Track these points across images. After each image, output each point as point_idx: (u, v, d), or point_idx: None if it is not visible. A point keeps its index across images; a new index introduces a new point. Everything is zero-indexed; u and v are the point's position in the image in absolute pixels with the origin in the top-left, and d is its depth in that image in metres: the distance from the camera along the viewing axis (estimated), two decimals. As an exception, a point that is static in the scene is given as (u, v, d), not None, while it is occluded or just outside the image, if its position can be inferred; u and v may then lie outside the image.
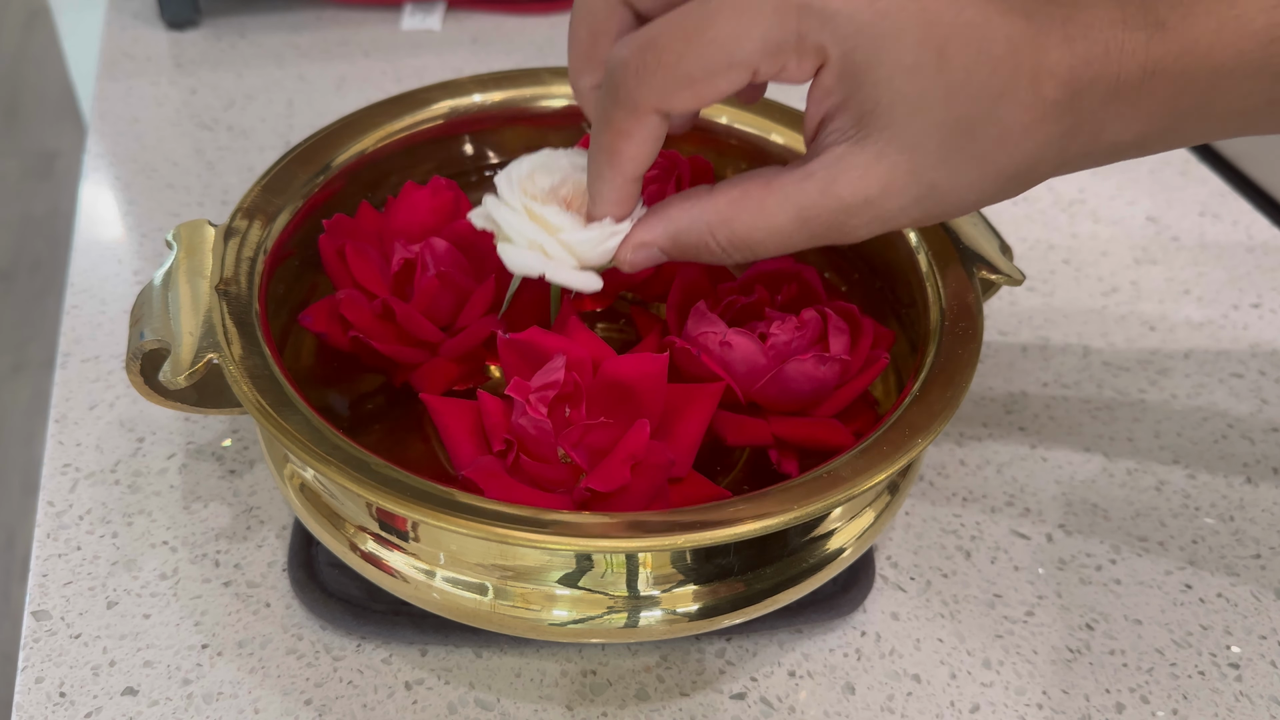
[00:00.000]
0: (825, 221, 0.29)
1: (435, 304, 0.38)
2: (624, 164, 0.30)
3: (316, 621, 0.37)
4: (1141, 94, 0.28)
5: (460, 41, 0.71)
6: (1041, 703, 0.36)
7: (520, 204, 0.32)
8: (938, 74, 0.27)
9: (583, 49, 0.31)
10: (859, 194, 0.29)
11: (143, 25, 0.71)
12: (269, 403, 0.32)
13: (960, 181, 0.29)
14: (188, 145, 0.60)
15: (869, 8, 0.27)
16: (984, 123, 0.28)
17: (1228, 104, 0.29)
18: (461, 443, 0.34)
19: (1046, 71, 0.28)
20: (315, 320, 0.39)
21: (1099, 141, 0.29)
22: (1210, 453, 0.46)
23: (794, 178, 0.29)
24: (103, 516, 0.40)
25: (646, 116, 0.28)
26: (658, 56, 0.27)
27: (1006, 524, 0.42)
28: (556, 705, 0.35)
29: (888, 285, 0.43)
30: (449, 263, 0.38)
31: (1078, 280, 0.54)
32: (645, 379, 0.34)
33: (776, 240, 0.30)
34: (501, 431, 0.33)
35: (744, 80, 0.28)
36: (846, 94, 0.28)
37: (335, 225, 0.40)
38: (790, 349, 0.35)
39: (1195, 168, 0.63)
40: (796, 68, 0.27)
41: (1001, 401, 0.48)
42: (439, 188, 0.41)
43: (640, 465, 0.32)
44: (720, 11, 0.27)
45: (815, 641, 0.38)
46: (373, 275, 0.39)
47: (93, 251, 0.53)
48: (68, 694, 0.35)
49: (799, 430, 0.36)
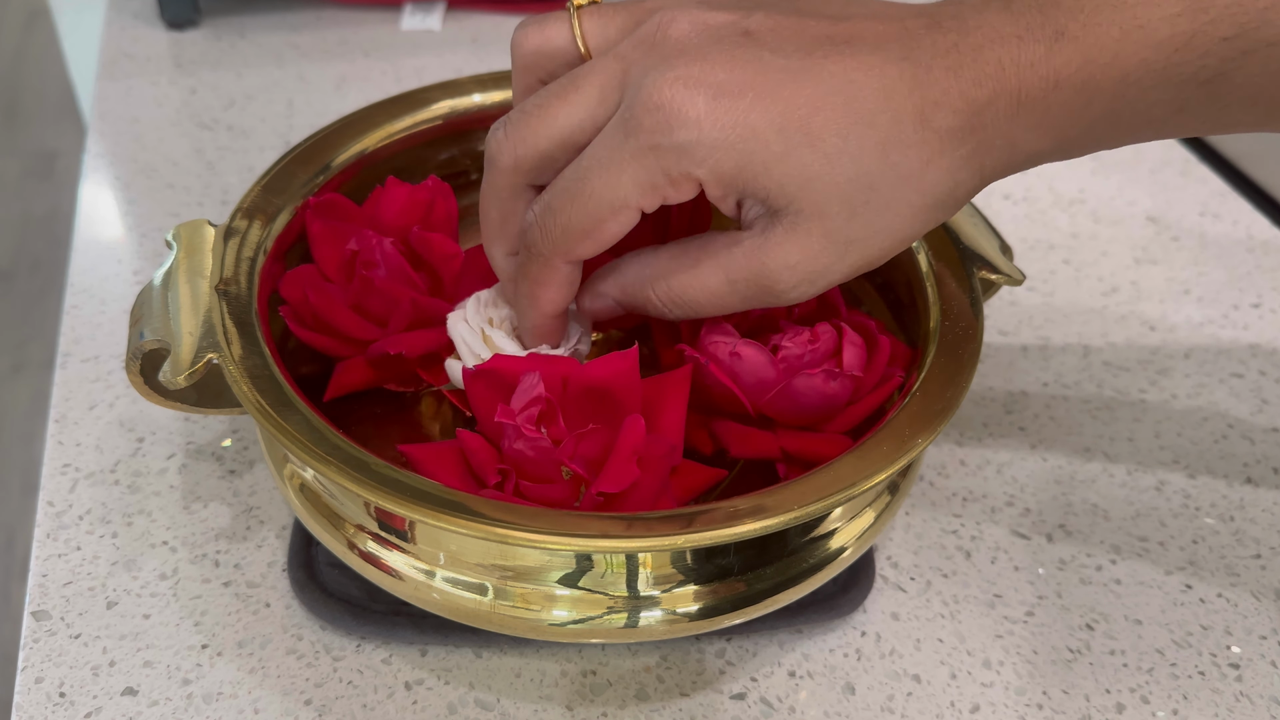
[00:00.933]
0: (753, 284, 0.31)
1: (364, 302, 0.38)
2: (544, 306, 0.34)
3: (316, 622, 0.37)
4: (1049, 105, 0.29)
5: (460, 41, 0.71)
6: (1041, 703, 0.36)
7: (478, 325, 0.37)
8: (811, 149, 0.29)
9: (494, 227, 0.35)
10: (780, 260, 0.30)
11: (143, 25, 0.71)
12: (269, 403, 0.32)
13: (878, 230, 0.30)
14: (188, 145, 0.60)
15: (715, 124, 0.28)
16: (879, 174, 0.29)
17: (1136, 112, 0.29)
18: (450, 486, 0.33)
19: (933, 104, 0.29)
20: (288, 289, 0.39)
21: (1016, 153, 0.30)
22: (1210, 453, 0.46)
23: (725, 242, 0.31)
24: (102, 516, 0.40)
25: (558, 267, 0.32)
26: (553, 218, 0.31)
27: (1006, 524, 0.42)
28: (556, 705, 0.35)
29: (888, 285, 0.43)
30: (391, 265, 0.38)
31: (1078, 280, 0.54)
32: (618, 377, 0.34)
33: (710, 300, 0.32)
34: (493, 464, 0.33)
35: (634, 219, 0.31)
36: (739, 193, 0.30)
37: (323, 204, 0.40)
38: (801, 362, 0.35)
39: (1195, 168, 0.63)
40: (676, 194, 0.30)
41: (1001, 401, 0.48)
42: (422, 187, 0.41)
43: (644, 459, 0.33)
44: (591, 170, 0.30)
45: (815, 641, 0.38)
46: (332, 258, 0.39)
47: (93, 251, 0.53)
48: (68, 694, 0.35)
49: (808, 445, 0.36)
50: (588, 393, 0.34)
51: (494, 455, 0.33)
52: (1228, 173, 0.64)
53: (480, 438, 0.33)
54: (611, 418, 0.33)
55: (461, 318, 0.38)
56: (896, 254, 0.32)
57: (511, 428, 0.32)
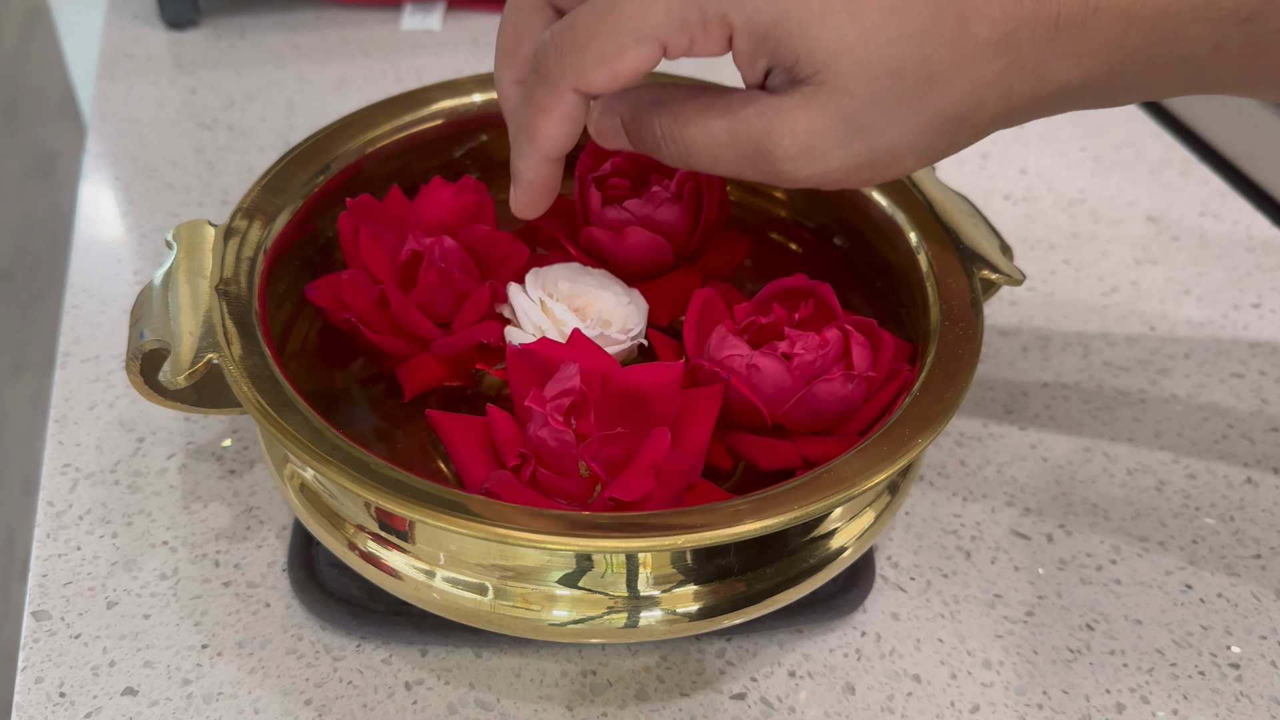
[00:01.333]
0: (752, 143, 0.30)
1: (433, 300, 0.38)
2: (542, 141, 0.31)
3: (316, 621, 0.37)
4: (1086, 31, 0.29)
5: (460, 41, 0.71)
6: (1041, 703, 0.36)
7: (538, 296, 0.38)
8: (850, 19, 0.28)
9: (508, 45, 0.33)
10: (787, 125, 0.30)
11: (143, 25, 0.71)
12: (269, 403, 0.32)
13: (892, 124, 0.30)
14: (188, 145, 0.60)
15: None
16: (910, 63, 0.29)
17: (1173, 48, 0.29)
18: (471, 459, 0.33)
19: (974, 10, 0.28)
20: (320, 294, 0.39)
21: (1045, 83, 0.30)
22: (1210, 453, 0.46)
23: (741, 97, 0.30)
24: (103, 516, 0.40)
25: (565, 94, 0.30)
26: (573, 35, 0.29)
27: (1006, 524, 0.42)
28: (556, 705, 0.35)
29: (888, 285, 0.43)
30: (454, 262, 0.38)
31: (1078, 280, 0.54)
32: (660, 388, 0.34)
33: (707, 147, 0.31)
34: (515, 445, 0.33)
35: (656, 55, 0.29)
36: (768, 55, 0.29)
37: (357, 205, 0.40)
38: (815, 368, 0.35)
39: (1195, 168, 0.63)
40: (705, 39, 0.29)
41: (1001, 401, 0.48)
42: (464, 188, 0.41)
43: (662, 473, 0.32)
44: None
45: (815, 641, 0.38)
46: (381, 261, 0.39)
47: (92, 251, 0.53)
48: (68, 694, 0.35)
49: (827, 450, 0.36)
50: (624, 395, 0.34)
51: (519, 436, 0.33)
52: (1228, 173, 0.64)
53: (509, 416, 0.34)
54: (641, 425, 0.33)
55: (521, 289, 0.38)
56: (894, 176, 0.31)
57: (538, 414, 0.32)
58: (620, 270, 0.41)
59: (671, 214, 0.41)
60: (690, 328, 0.38)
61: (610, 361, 0.35)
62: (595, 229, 0.41)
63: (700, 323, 0.38)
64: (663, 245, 0.40)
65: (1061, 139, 0.65)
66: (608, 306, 0.39)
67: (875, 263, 0.44)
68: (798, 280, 0.38)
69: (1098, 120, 0.66)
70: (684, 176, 0.41)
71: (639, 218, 0.41)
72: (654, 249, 0.40)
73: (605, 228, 0.41)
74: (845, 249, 0.46)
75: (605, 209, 0.41)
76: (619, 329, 0.38)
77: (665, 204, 0.41)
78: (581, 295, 0.39)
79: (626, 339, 0.38)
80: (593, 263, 0.41)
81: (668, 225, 0.41)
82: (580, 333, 0.36)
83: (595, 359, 0.35)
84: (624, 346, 0.38)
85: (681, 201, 0.41)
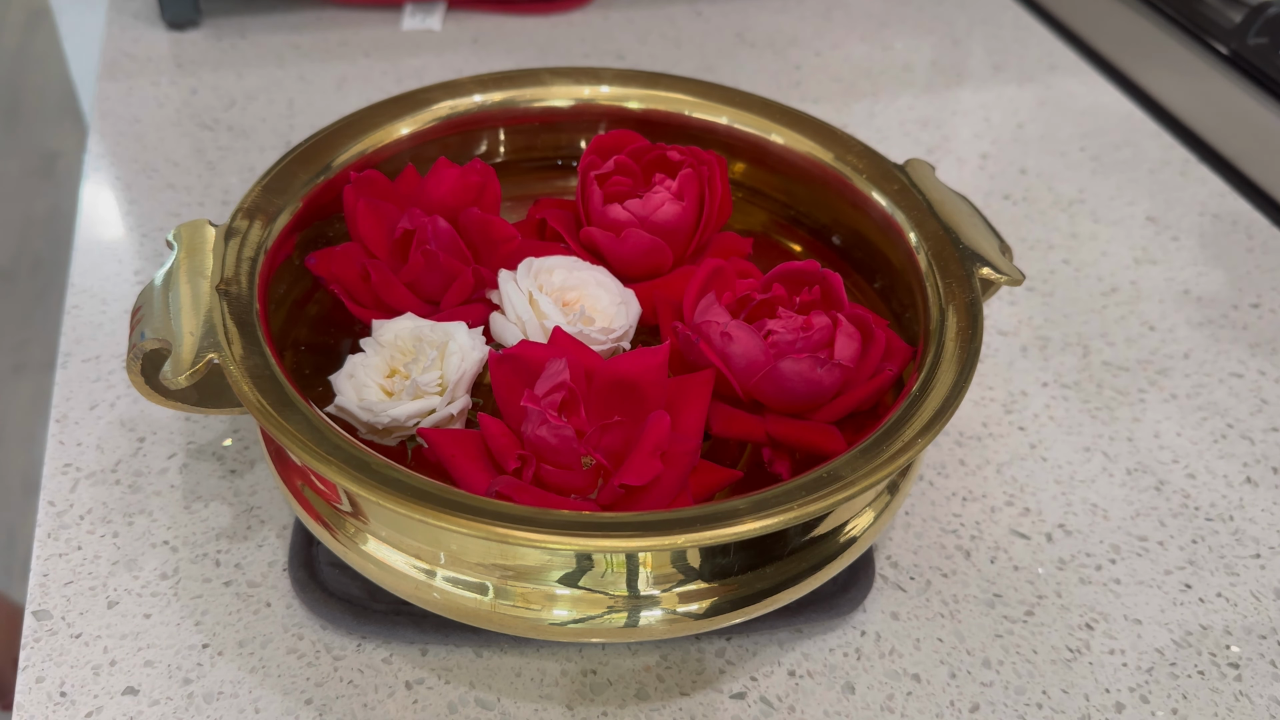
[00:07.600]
0: None
1: (421, 279, 0.39)
2: None
3: (317, 621, 0.37)
4: None
5: (460, 41, 0.71)
6: (1041, 703, 0.36)
7: (528, 288, 0.38)
8: None
9: None
10: None
11: (143, 25, 0.71)
12: (269, 403, 0.32)
13: None
14: (188, 145, 0.60)
15: None
16: None
17: None
18: (470, 471, 0.33)
19: None
20: (319, 265, 0.40)
21: None
22: (1210, 453, 0.46)
23: None
24: (103, 516, 0.40)
25: None
26: None
27: (1006, 524, 0.42)
28: (556, 705, 0.35)
29: (888, 285, 0.43)
30: (444, 243, 0.38)
31: (1078, 280, 0.54)
32: (648, 372, 0.34)
33: None
34: (513, 449, 0.33)
35: None
36: None
37: (363, 180, 0.40)
38: (792, 348, 0.35)
39: (1195, 168, 0.63)
40: None
41: (1001, 401, 0.48)
42: (471, 170, 0.41)
43: (667, 454, 0.33)
44: None
45: (815, 641, 0.38)
46: (378, 236, 0.39)
47: (93, 251, 0.53)
48: (68, 694, 0.35)
49: (793, 431, 0.36)
50: (613, 386, 0.34)
51: (514, 441, 0.33)
52: (1228, 173, 0.64)
53: (500, 423, 0.34)
54: (635, 412, 0.34)
55: (512, 278, 0.39)
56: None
57: (535, 413, 0.32)
58: (619, 270, 0.41)
59: (673, 214, 0.41)
60: (692, 295, 0.38)
61: (593, 356, 0.35)
62: (595, 229, 0.41)
63: (702, 291, 0.38)
64: (662, 248, 0.40)
65: (1061, 139, 0.65)
66: (599, 304, 0.39)
67: (875, 263, 0.44)
68: (808, 265, 0.38)
69: (1098, 120, 0.66)
70: (687, 177, 0.41)
71: (640, 218, 0.41)
72: (653, 251, 0.40)
73: (605, 228, 0.41)
74: (845, 249, 0.46)
75: (607, 207, 0.41)
76: (599, 328, 0.38)
77: (667, 204, 0.41)
78: (574, 289, 0.39)
79: (607, 340, 0.38)
80: (594, 260, 0.41)
81: (669, 225, 0.41)
82: (561, 330, 0.36)
83: (578, 354, 0.35)
84: (604, 347, 0.38)
85: (684, 202, 0.41)
